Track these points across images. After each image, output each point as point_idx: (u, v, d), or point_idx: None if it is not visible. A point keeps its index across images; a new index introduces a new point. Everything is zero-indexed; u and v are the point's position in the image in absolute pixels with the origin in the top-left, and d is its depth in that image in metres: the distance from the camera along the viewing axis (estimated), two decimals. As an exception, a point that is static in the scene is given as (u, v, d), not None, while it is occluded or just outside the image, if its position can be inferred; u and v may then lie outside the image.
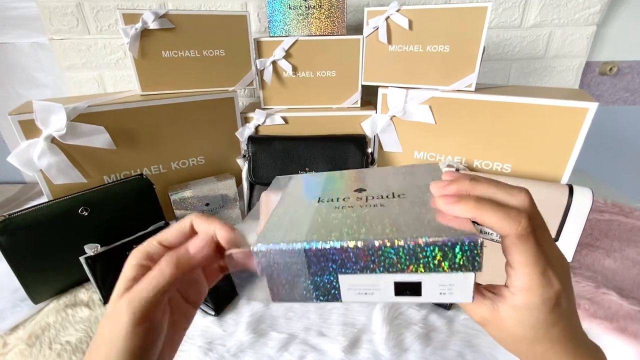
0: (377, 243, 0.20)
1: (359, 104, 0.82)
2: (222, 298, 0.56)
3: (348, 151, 0.76)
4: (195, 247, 0.24)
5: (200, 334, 0.51)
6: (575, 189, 0.57)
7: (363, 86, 0.80)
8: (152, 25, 0.67)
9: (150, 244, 0.25)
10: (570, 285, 0.23)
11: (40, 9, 0.85)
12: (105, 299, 0.57)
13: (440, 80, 0.70)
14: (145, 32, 0.68)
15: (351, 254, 0.21)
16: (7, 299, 0.58)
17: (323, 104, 0.82)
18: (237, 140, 0.82)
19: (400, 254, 0.20)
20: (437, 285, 0.21)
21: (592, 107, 0.59)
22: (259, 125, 0.80)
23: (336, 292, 0.22)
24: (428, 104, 0.71)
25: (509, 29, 0.91)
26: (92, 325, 0.52)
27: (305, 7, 0.74)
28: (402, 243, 0.20)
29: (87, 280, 0.58)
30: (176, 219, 0.72)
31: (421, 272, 0.21)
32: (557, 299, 0.21)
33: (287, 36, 0.76)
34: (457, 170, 0.67)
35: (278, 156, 0.77)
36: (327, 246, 0.21)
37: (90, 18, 0.87)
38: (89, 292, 0.59)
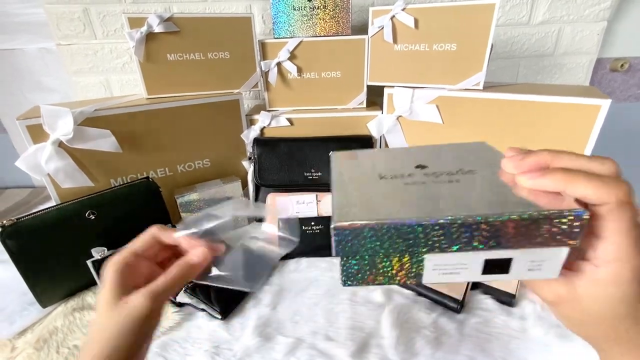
0: (489, 218, 0.19)
1: (364, 105, 0.81)
2: (229, 302, 0.55)
3: (354, 152, 0.75)
4: (197, 256, 0.30)
5: (207, 337, 0.51)
6: (589, 188, 0.56)
7: (368, 86, 0.79)
8: (157, 29, 0.67)
9: (126, 256, 0.30)
10: None
11: (48, 14, 0.86)
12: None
13: (447, 79, 0.69)
14: (150, 36, 0.68)
15: (456, 230, 0.19)
16: (16, 302, 0.58)
17: (328, 105, 0.82)
18: (242, 143, 0.82)
19: (507, 229, 0.19)
20: (527, 262, 0.20)
21: (604, 104, 0.57)
22: (264, 127, 0.80)
23: (420, 272, 0.21)
24: (435, 104, 0.70)
25: (516, 26, 0.89)
26: (99, 329, 0.52)
27: (310, 7, 0.73)
28: (513, 217, 0.18)
29: (95, 283, 0.58)
30: (182, 221, 0.72)
31: (520, 247, 0.19)
32: None
33: (291, 37, 0.76)
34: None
35: (284, 158, 0.76)
36: (432, 222, 0.19)
37: (96, 23, 0.87)
38: (96, 296, 0.59)
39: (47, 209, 0.56)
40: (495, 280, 0.29)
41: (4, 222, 0.52)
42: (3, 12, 0.87)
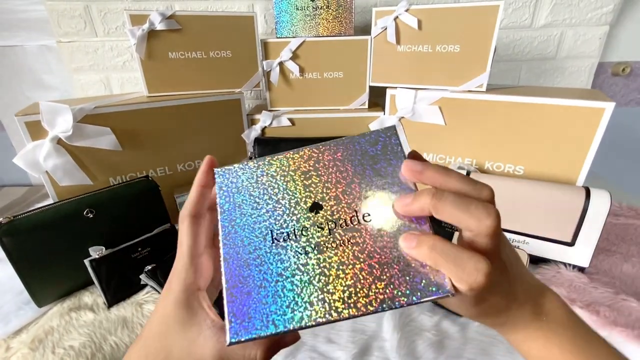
0: (356, 313, 0.20)
1: (366, 105, 0.81)
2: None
3: (356, 153, 0.75)
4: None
5: (206, 339, 0.50)
6: (593, 191, 0.56)
7: (371, 87, 0.79)
8: (159, 26, 0.67)
9: None
10: (506, 279, 0.23)
11: (49, 11, 0.85)
12: (110, 302, 0.56)
13: (450, 81, 0.69)
14: (152, 34, 0.68)
15: (327, 324, 0.21)
16: (12, 302, 0.57)
17: (330, 105, 0.81)
18: (243, 142, 0.82)
19: (375, 313, 0.21)
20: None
21: (608, 107, 0.57)
22: (265, 127, 0.79)
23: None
24: (438, 105, 0.70)
25: (519, 30, 0.89)
26: (95, 329, 0.51)
27: (313, 7, 0.73)
28: (377, 309, 0.20)
29: (92, 283, 0.57)
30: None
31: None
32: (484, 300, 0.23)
33: (294, 37, 0.75)
34: (468, 173, 0.65)
35: (285, 158, 0.76)
36: (303, 325, 0.21)
37: (97, 21, 0.87)
38: (93, 296, 0.58)
39: (44, 206, 0.55)
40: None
41: (0, 219, 0.51)
42: (4, 8, 0.86)
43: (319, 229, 0.23)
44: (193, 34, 0.71)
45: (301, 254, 0.22)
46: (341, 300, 0.21)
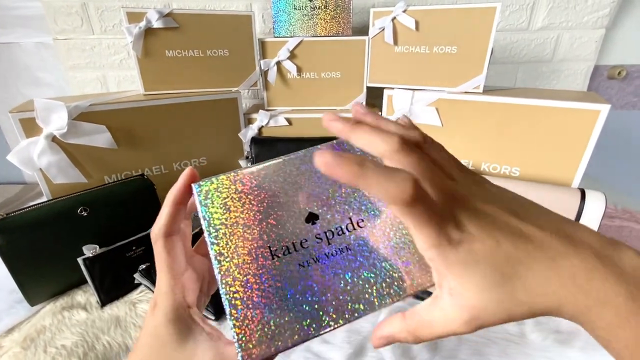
0: (358, 318, 0.21)
1: (364, 106, 0.81)
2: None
3: (353, 153, 0.75)
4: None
5: (200, 339, 0.50)
6: (588, 193, 0.56)
7: (368, 88, 0.79)
8: (156, 24, 0.66)
9: None
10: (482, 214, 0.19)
11: (45, 8, 0.85)
12: (103, 301, 0.55)
13: (447, 82, 0.69)
14: (149, 31, 0.67)
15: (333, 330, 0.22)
16: (4, 300, 0.57)
17: (327, 105, 0.81)
18: (240, 142, 0.81)
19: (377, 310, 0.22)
20: None
21: (604, 109, 0.58)
22: (262, 126, 0.79)
23: None
24: (435, 106, 0.70)
25: (516, 32, 0.90)
26: (88, 328, 0.51)
27: (311, 7, 0.73)
28: (376, 311, 0.21)
29: (85, 282, 0.57)
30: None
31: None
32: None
33: (291, 37, 0.75)
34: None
35: (281, 158, 0.75)
36: (310, 337, 0.21)
37: (94, 18, 0.86)
38: (86, 295, 0.58)
39: (38, 204, 0.55)
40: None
41: (-7, 217, 0.50)
42: (0, 5, 0.85)
43: (318, 240, 0.22)
44: (190, 32, 0.70)
45: (302, 267, 0.22)
46: (346, 305, 0.21)
